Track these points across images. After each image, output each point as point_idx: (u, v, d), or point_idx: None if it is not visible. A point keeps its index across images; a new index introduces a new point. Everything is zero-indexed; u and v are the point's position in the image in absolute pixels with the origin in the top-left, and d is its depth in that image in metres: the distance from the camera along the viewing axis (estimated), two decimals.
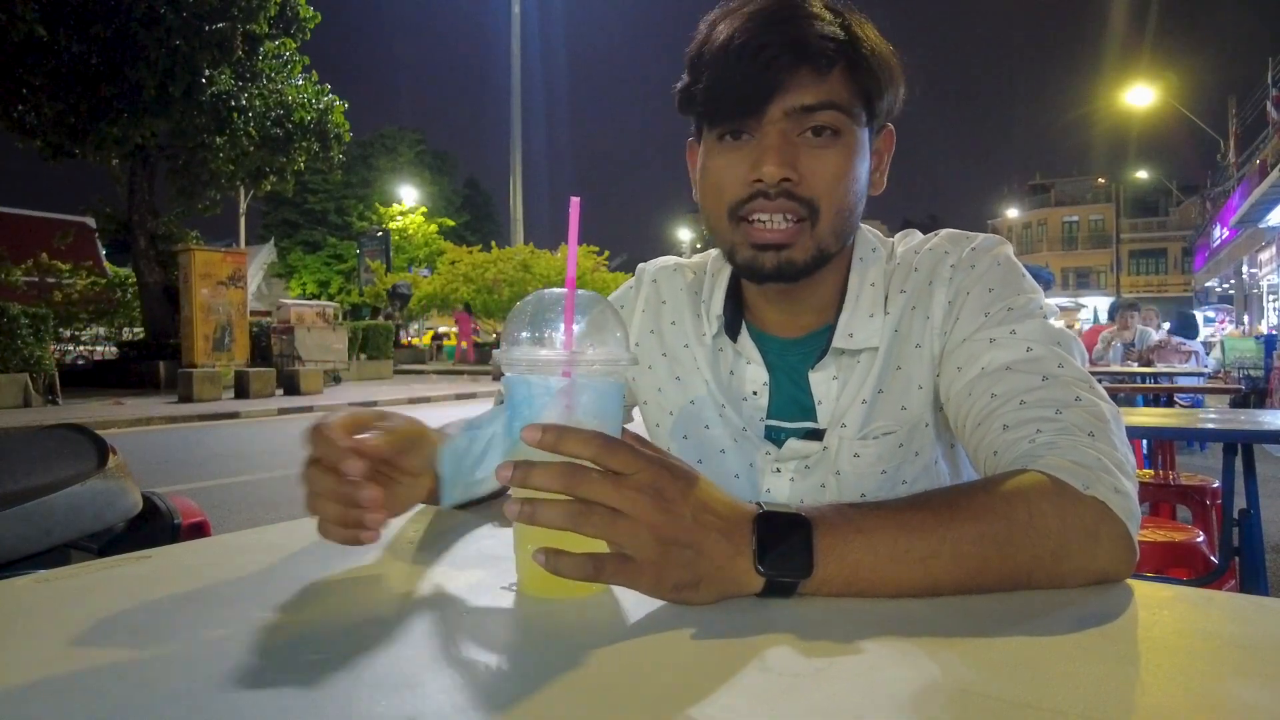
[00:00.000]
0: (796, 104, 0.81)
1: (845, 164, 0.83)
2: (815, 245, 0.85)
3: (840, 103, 0.82)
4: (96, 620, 0.56)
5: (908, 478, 0.90)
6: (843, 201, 0.84)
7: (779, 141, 0.81)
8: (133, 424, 9.38)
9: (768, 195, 0.82)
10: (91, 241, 23.29)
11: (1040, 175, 55.72)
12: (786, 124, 0.82)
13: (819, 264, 0.86)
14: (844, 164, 0.83)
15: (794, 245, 0.84)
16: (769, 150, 0.81)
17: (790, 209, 0.83)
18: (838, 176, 0.83)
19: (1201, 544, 2.37)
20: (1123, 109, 23.88)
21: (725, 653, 0.50)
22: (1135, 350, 7.30)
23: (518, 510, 0.55)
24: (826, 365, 0.91)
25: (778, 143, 0.81)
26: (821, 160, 0.82)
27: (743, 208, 0.84)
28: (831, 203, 0.84)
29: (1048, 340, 0.81)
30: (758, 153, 0.82)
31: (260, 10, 13.37)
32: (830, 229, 0.85)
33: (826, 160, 0.83)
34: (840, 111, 0.82)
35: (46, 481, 1.13)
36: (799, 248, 0.84)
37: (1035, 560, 0.62)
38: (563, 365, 0.60)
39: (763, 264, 0.85)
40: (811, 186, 0.82)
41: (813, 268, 0.86)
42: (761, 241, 0.84)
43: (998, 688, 0.44)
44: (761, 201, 0.83)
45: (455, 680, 0.46)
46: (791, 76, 0.80)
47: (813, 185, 0.82)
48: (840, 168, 0.83)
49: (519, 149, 24.81)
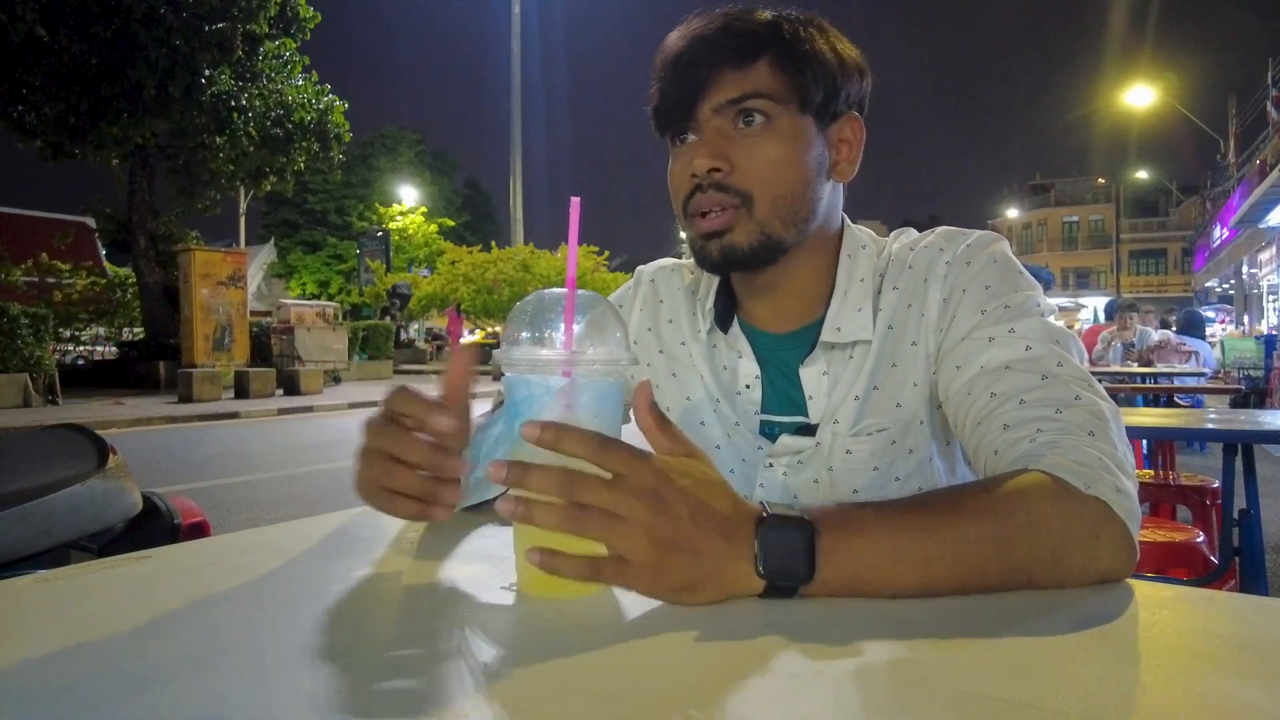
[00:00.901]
0: (722, 99, 0.86)
1: (778, 149, 0.86)
2: (759, 229, 0.87)
3: (765, 91, 0.86)
4: (96, 620, 0.56)
5: (900, 474, 0.90)
6: (781, 186, 0.87)
7: (708, 136, 0.87)
8: (133, 424, 9.38)
9: (701, 188, 0.87)
10: (91, 241, 23.31)
11: (1040, 175, 55.75)
12: (719, 120, 0.87)
13: (771, 249, 0.88)
14: (776, 149, 0.86)
15: (734, 230, 0.87)
16: (694, 146, 0.87)
17: (720, 200, 0.87)
18: (771, 161, 0.86)
19: (1201, 544, 2.37)
20: (1123, 109, 23.89)
21: (725, 653, 0.50)
22: (1135, 350, 7.30)
23: (512, 509, 0.55)
24: (816, 359, 0.92)
25: (707, 137, 0.87)
26: (753, 148, 0.86)
27: (688, 203, 0.89)
28: (767, 187, 0.86)
29: (1046, 338, 0.81)
30: (690, 150, 0.88)
31: (260, 10, 13.37)
32: (772, 214, 0.87)
33: (758, 147, 0.86)
34: (768, 100, 0.86)
35: (46, 481, 1.13)
36: (739, 232, 0.87)
37: (1036, 560, 0.62)
38: (563, 365, 0.60)
39: (710, 252, 0.89)
40: (745, 174, 0.86)
41: (764, 253, 0.88)
42: (704, 230, 0.88)
43: (998, 688, 0.44)
44: (699, 195, 0.87)
45: (455, 680, 0.46)
46: (715, 75, 0.86)
47: (745, 173, 0.86)
48: (773, 154, 0.86)
49: (519, 149, 24.81)
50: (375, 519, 0.86)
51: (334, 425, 9.68)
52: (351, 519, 0.85)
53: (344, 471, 6.82)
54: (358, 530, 0.81)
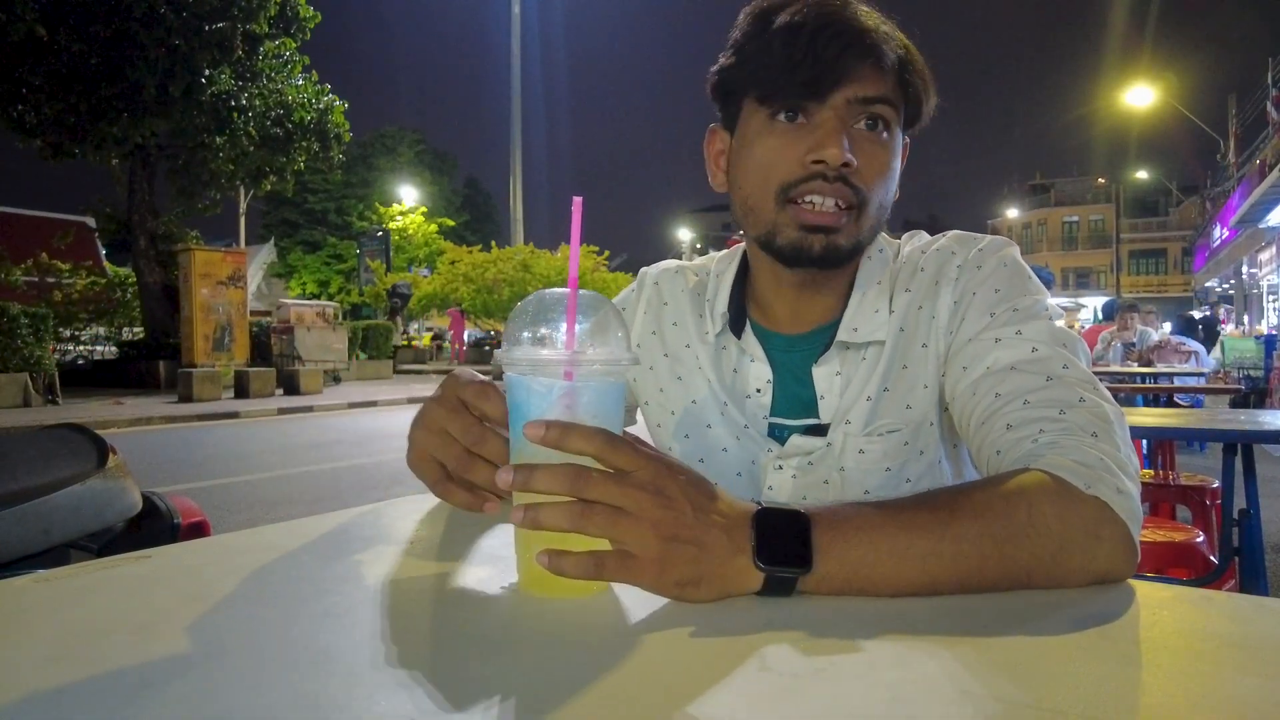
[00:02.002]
0: (860, 94, 0.83)
1: (892, 160, 0.86)
2: (858, 234, 0.87)
3: (894, 101, 0.85)
4: (96, 620, 0.56)
5: (911, 476, 0.90)
6: (884, 196, 0.87)
7: (842, 127, 0.83)
8: (133, 424, 9.38)
9: (826, 178, 0.83)
10: (91, 241, 23.28)
11: (1040, 175, 55.74)
12: (846, 112, 0.83)
13: (856, 254, 0.89)
14: (891, 160, 0.86)
15: (841, 231, 0.85)
16: (833, 134, 0.82)
17: (844, 195, 0.84)
18: (885, 170, 0.86)
19: (1201, 544, 2.37)
20: (1123, 109, 23.88)
21: (725, 652, 0.50)
22: (1135, 350, 7.30)
23: (521, 516, 0.56)
24: (830, 359, 0.92)
25: (840, 128, 0.82)
26: (874, 152, 0.85)
27: (795, 189, 0.84)
28: (877, 195, 0.86)
29: (1053, 341, 0.81)
30: (819, 135, 0.83)
31: (260, 10, 13.37)
32: (870, 222, 0.87)
33: (878, 153, 0.85)
34: (893, 109, 0.85)
35: (46, 481, 1.13)
36: (845, 234, 0.86)
37: (1036, 559, 0.62)
38: (564, 365, 0.60)
39: (810, 245, 0.85)
40: (864, 176, 0.84)
41: (850, 256, 0.88)
42: (812, 223, 0.84)
43: (998, 688, 0.44)
44: (819, 183, 0.83)
45: (455, 680, 0.46)
46: (858, 66, 0.82)
47: (865, 175, 0.84)
48: (888, 163, 0.86)
49: (519, 149, 24.81)
50: (375, 519, 0.86)
51: (334, 425, 9.68)
52: (351, 519, 0.85)
53: (344, 471, 6.79)
54: (358, 530, 0.81)
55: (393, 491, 5.59)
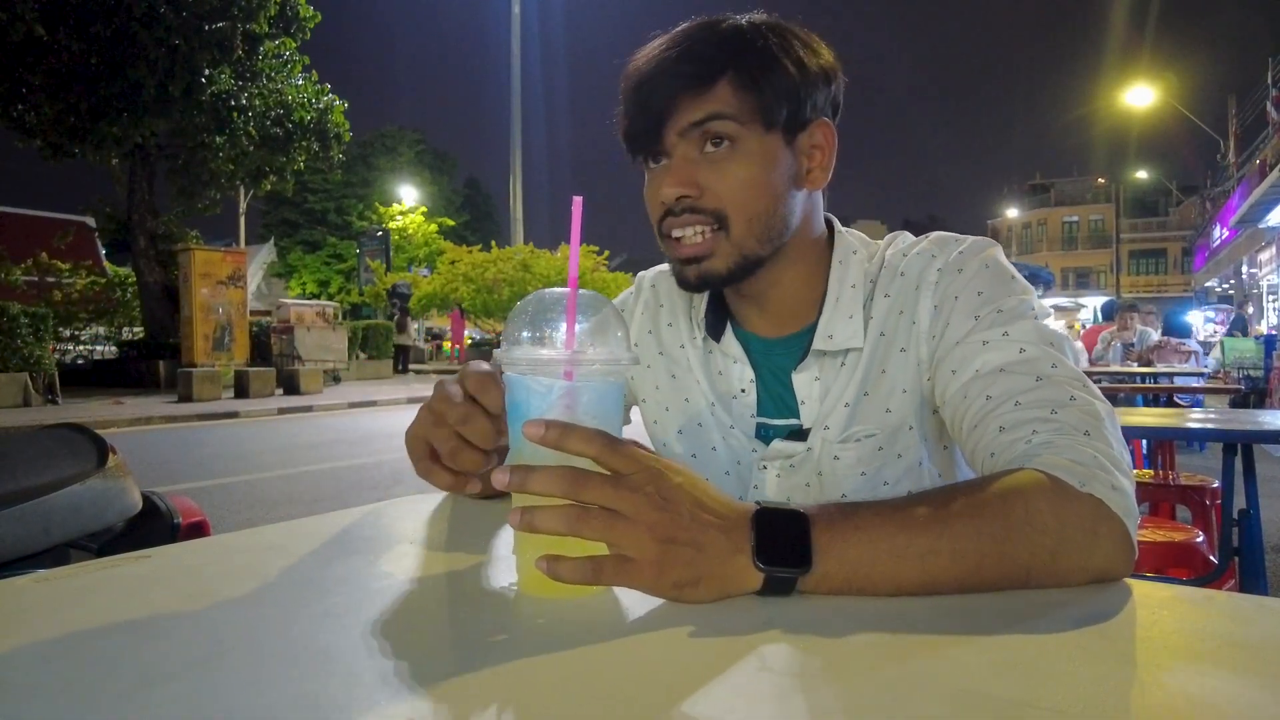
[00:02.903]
0: (685, 123, 0.85)
1: (746, 170, 0.86)
2: (736, 251, 0.87)
3: (728, 112, 0.85)
4: (96, 620, 0.56)
5: (889, 479, 0.91)
6: (754, 206, 0.87)
7: (676, 162, 0.86)
8: (132, 424, 9.38)
9: (674, 212, 0.87)
10: (91, 241, 23.30)
11: (1040, 175, 55.76)
12: (684, 144, 0.86)
13: (747, 268, 0.89)
14: (745, 170, 0.86)
15: (713, 255, 0.87)
16: (664, 172, 0.87)
17: (696, 221, 0.87)
18: (741, 182, 0.86)
19: (1201, 544, 2.37)
20: (1123, 109, 23.90)
21: (725, 652, 0.50)
22: (1135, 350, 7.30)
23: (519, 519, 0.56)
24: (809, 366, 0.93)
25: (675, 164, 0.86)
26: (721, 169, 0.86)
27: (662, 226, 0.89)
28: (740, 208, 0.86)
29: (1040, 341, 0.82)
30: (659, 177, 0.87)
31: (260, 10, 13.37)
32: (748, 233, 0.87)
33: (726, 169, 0.86)
34: (729, 121, 0.85)
35: (46, 481, 1.13)
36: (718, 257, 0.88)
37: (1033, 557, 0.62)
38: (564, 365, 0.60)
39: (687, 276, 0.90)
40: (716, 196, 0.86)
41: (740, 273, 0.89)
42: (680, 255, 0.89)
43: (997, 687, 0.44)
44: (670, 220, 0.88)
45: (455, 680, 0.46)
46: (676, 100, 0.85)
47: (717, 195, 0.86)
48: (741, 174, 0.86)
49: (519, 149, 24.79)
50: (375, 519, 0.86)
51: (333, 425, 9.68)
52: (351, 519, 0.85)
53: (343, 471, 6.80)
54: (358, 530, 0.81)
55: (393, 491, 5.59)
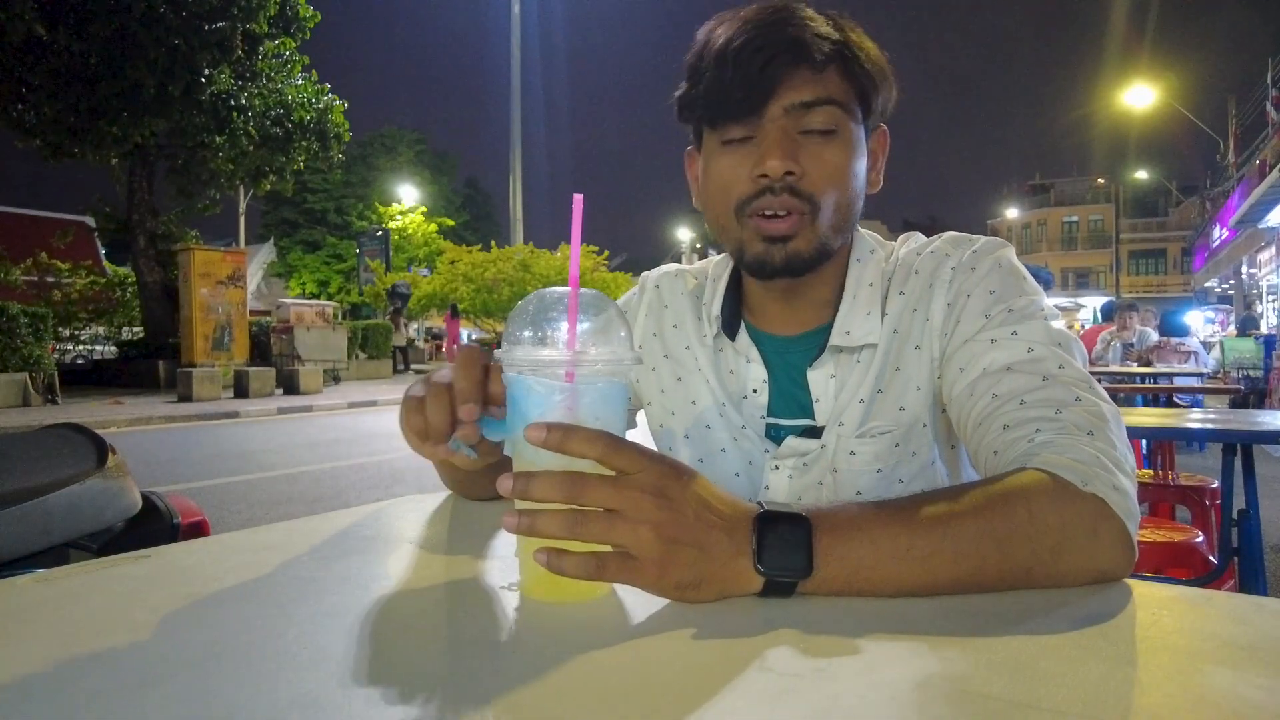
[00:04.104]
0: (795, 100, 0.84)
1: (844, 159, 0.86)
2: (817, 238, 0.87)
3: (837, 99, 0.85)
4: (96, 620, 0.56)
5: (904, 477, 0.91)
6: (842, 196, 0.87)
7: (781, 137, 0.84)
8: (132, 423, 9.38)
9: (773, 190, 0.85)
10: (91, 241, 23.28)
11: (1040, 175, 55.77)
12: (786, 121, 0.84)
13: (822, 257, 0.89)
14: (842, 159, 0.86)
15: (798, 237, 0.86)
16: (772, 146, 0.84)
17: (792, 204, 0.85)
18: (837, 171, 0.86)
19: (1200, 544, 2.37)
20: (1123, 109, 23.89)
21: (725, 653, 0.50)
22: (1135, 350, 7.30)
23: (516, 523, 0.56)
24: (824, 363, 0.93)
25: (780, 138, 0.84)
26: (821, 155, 0.85)
27: (750, 204, 0.87)
28: (831, 197, 0.86)
29: (1049, 341, 0.82)
30: (761, 150, 0.85)
31: (260, 10, 13.37)
32: (830, 223, 0.87)
33: (826, 155, 0.85)
34: (838, 107, 0.85)
35: (46, 481, 1.13)
36: (802, 239, 0.86)
37: (1035, 557, 0.62)
38: (565, 365, 0.60)
39: (772, 257, 0.87)
40: (813, 181, 0.85)
41: (816, 261, 0.88)
42: (770, 234, 0.86)
43: (997, 688, 0.44)
44: (768, 197, 0.85)
45: (455, 680, 0.46)
46: (789, 75, 0.83)
47: (814, 180, 0.85)
48: (839, 162, 0.86)
49: (519, 149, 24.78)
50: (375, 519, 0.86)
51: (333, 425, 9.68)
52: (351, 519, 0.85)
53: (343, 471, 6.79)
54: (358, 530, 0.81)
55: (393, 491, 5.59)
